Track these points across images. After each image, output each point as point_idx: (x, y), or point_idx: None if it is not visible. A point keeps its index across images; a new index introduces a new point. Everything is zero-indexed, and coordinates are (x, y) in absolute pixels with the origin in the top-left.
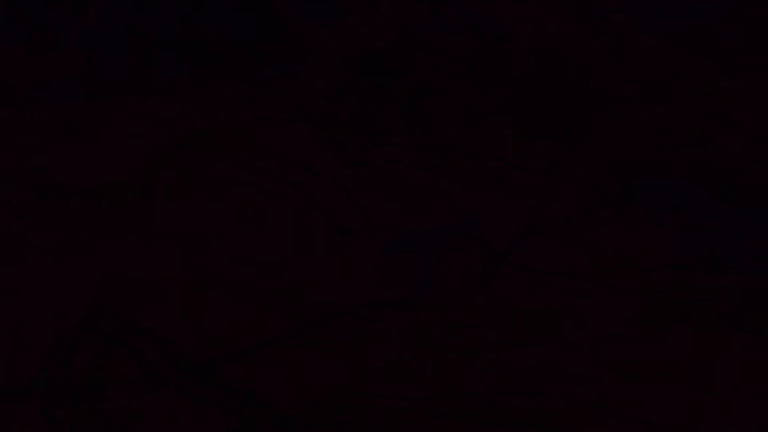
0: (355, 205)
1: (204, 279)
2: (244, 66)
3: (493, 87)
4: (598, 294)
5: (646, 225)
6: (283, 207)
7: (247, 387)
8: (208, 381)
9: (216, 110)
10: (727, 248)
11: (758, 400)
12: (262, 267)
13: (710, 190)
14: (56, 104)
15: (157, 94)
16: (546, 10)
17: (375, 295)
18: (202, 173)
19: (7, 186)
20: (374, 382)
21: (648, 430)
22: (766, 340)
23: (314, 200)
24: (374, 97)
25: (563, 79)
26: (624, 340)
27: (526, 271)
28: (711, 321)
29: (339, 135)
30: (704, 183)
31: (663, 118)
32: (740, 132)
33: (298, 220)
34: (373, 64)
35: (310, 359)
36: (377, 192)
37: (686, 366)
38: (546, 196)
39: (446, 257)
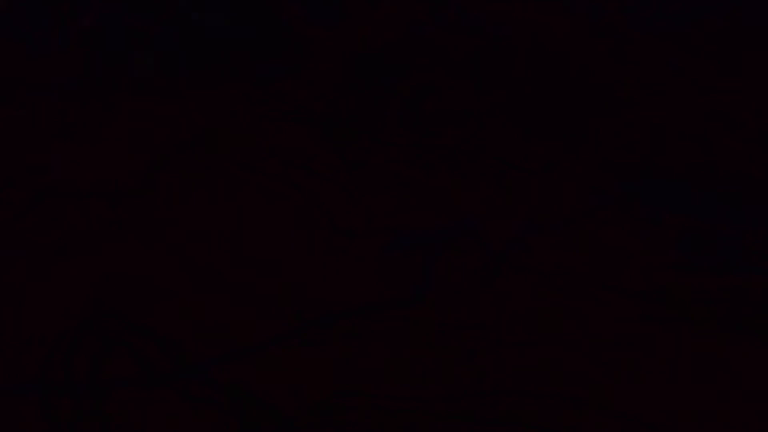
0: (355, 205)
1: (204, 279)
2: (244, 66)
3: (493, 87)
4: (598, 294)
5: (647, 225)
6: (283, 207)
7: (247, 387)
8: (208, 381)
9: (216, 110)
10: (727, 248)
11: (758, 400)
12: (262, 267)
13: (710, 190)
14: (56, 104)
15: (157, 94)
16: (546, 10)
17: (375, 295)
18: (202, 173)
19: (7, 186)
20: (374, 382)
21: (648, 430)
22: (766, 340)
23: (314, 200)
24: (374, 97)
25: (563, 79)
26: (624, 340)
27: (526, 271)
28: (711, 321)
29: (339, 135)
30: (704, 183)
31: (663, 118)
32: (740, 132)
33: (298, 220)
34: (373, 64)
35: (311, 359)
36: (377, 192)
37: (686, 366)
38: (546, 196)
39: (446, 257)
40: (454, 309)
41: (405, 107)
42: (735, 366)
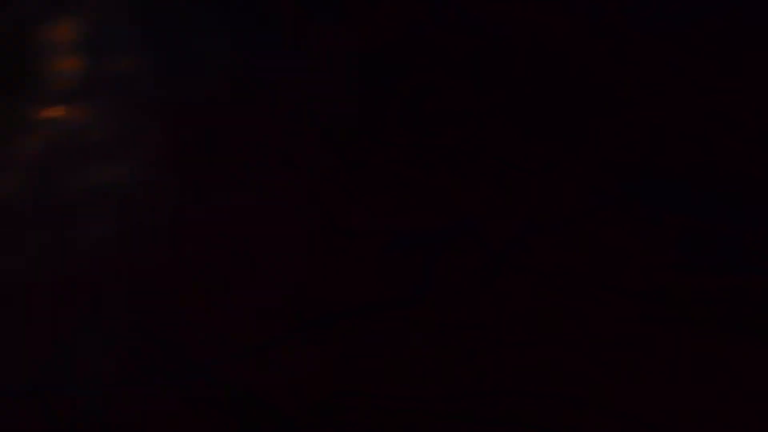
0: (355, 205)
1: (204, 279)
2: (244, 66)
3: (493, 87)
4: (598, 294)
5: (647, 225)
6: (283, 207)
7: (247, 387)
8: (208, 381)
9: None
10: (727, 248)
11: (758, 400)
12: (262, 267)
13: (710, 190)
14: None
15: None
16: (546, 9)
17: (375, 295)
18: (202, 173)
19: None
20: (374, 382)
21: (648, 430)
22: (766, 340)
23: (314, 200)
24: (374, 97)
25: (563, 79)
26: (624, 340)
27: (526, 271)
28: (711, 321)
29: (339, 135)
30: (704, 183)
31: (663, 118)
32: (740, 132)
33: (298, 220)
34: (373, 64)
35: (311, 359)
36: (377, 192)
37: (686, 366)
38: (546, 196)
39: (446, 257)
40: (454, 309)
41: (405, 107)
42: (735, 366)
